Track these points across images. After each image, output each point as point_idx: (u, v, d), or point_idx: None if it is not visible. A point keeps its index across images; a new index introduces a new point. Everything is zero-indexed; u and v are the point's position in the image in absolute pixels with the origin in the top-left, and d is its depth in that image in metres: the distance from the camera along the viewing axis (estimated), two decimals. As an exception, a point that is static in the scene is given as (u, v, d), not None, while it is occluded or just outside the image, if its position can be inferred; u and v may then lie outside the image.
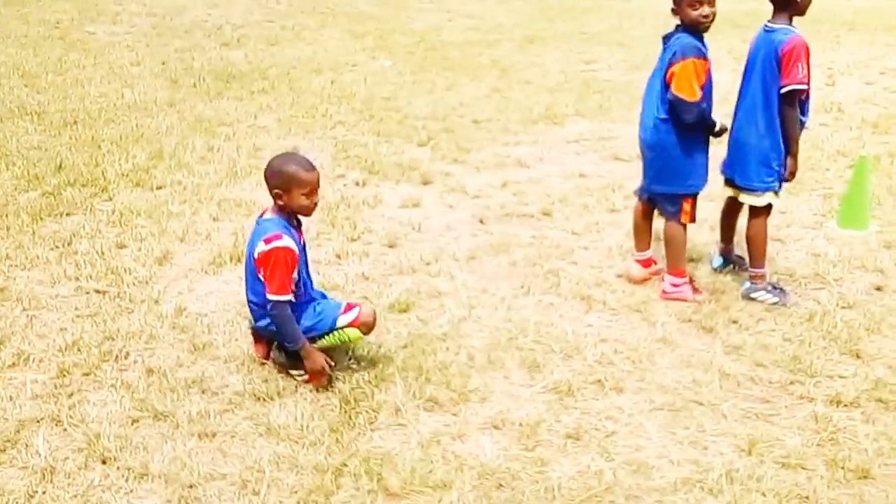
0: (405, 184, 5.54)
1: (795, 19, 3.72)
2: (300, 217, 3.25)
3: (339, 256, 4.40)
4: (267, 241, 3.10)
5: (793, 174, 3.86)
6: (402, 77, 8.91)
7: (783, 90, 3.65)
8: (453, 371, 3.27)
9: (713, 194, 4.25)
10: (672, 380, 3.26)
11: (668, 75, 3.65)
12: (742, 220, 4.07)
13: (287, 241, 3.11)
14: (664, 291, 3.93)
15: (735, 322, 3.70)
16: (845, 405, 3.07)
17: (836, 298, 3.92)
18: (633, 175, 5.59)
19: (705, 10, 3.58)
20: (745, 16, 14.26)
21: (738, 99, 3.89)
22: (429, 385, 3.18)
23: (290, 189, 3.12)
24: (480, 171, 5.78)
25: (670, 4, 3.71)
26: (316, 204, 3.21)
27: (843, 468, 2.73)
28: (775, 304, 3.83)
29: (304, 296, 3.25)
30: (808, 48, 3.67)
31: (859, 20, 13.26)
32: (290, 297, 3.12)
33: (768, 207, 3.88)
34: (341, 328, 3.19)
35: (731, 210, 4.13)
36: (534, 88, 8.42)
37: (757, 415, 3.03)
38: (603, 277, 4.18)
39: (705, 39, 3.74)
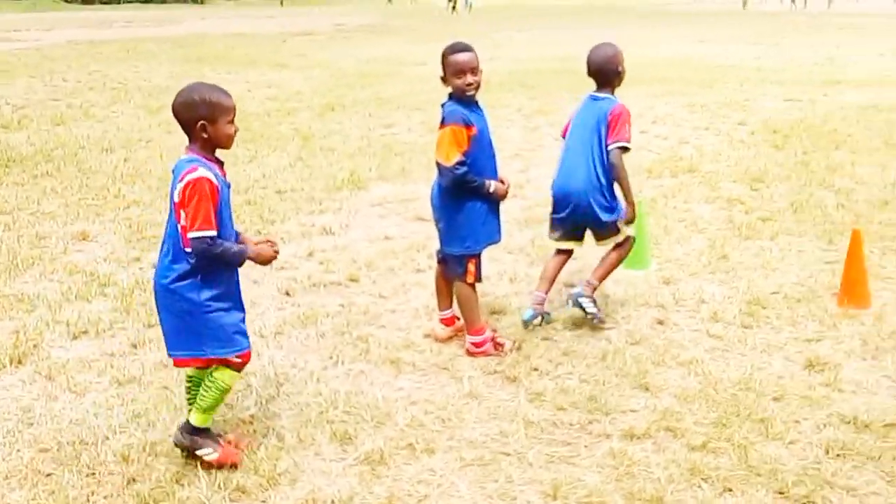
0: (206, 262, 5.36)
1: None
2: (219, 153, 3.00)
3: (135, 346, 4.17)
4: (181, 179, 2.84)
5: (631, 219, 4.23)
6: (201, 151, 8.70)
7: (613, 146, 4.08)
8: (261, 455, 3.17)
9: (502, 248, 4.45)
10: (480, 434, 3.33)
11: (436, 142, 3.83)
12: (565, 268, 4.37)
13: (203, 172, 2.84)
14: (468, 351, 4.03)
15: (536, 369, 3.86)
16: (638, 438, 3.26)
17: (624, 336, 4.20)
18: (435, 234, 5.76)
19: (468, 78, 3.75)
20: (529, 76, 15.24)
21: (566, 157, 4.25)
22: (235, 474, 3.05)
23: (217, 118, 2.90)
24: (286, 243, 5.72)
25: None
26: (236, 132, 3.03)
27: (639, 500, 2.89)
28: (594, 315, 4.18)
29: (229, 240, 3.00)
30: (629, 113, 4.16)
31: (631, 75, 14.52)
32: (213, 231, 2.84)
33: (629, 239, 4.29)
34: (223, 367, 3.00)
35: (559, 263, 4.38)
36: (336, 155, 8.51)
37: (560, 458, 3.15)
38: (411, 339, 4.24)
39: (480, 104, 3.93)
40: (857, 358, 3.92)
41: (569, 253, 4.43)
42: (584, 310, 4.20)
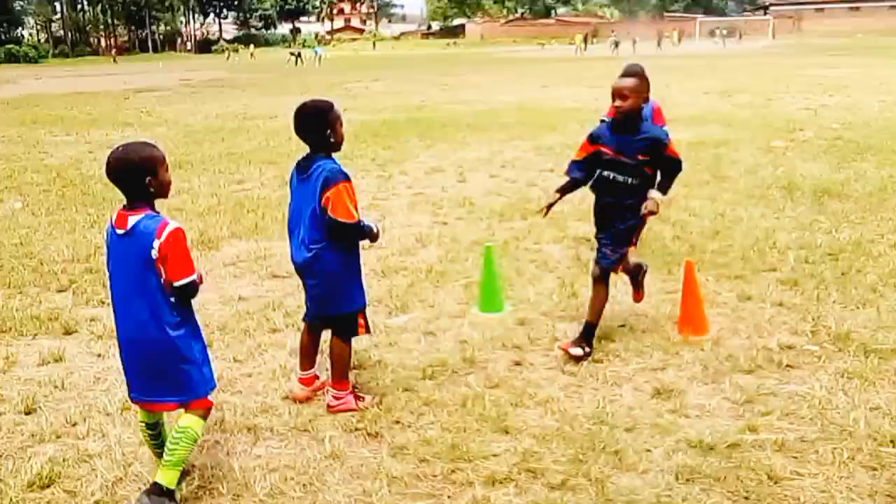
0: (44, 337, 5.04)
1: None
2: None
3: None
4: (160, 233, 3.01)
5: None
6: (37, 218, 8.24)
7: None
8: (108, 543, 2.96)
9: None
10: (343, 496, 3.26)
11: (322, 201, 3.67)
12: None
13: (174, 223, 3.07)
14: (329, 406, 3.98)
15: (398, 422, 3.83)
16: (500, 482, 3.30)
17: (483, 380, 4.25)
18: (292, 291, 5.67)
19: (342, 131, 3.83)
20: (382, 126, 15.41)
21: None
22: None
23: (158, 170, 3.08)
24: (132, 311, 5.45)
25: (315, 131, 3.75)
26: None
27: (504, 545, 2.90)
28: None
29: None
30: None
31: (480, 122, 15.01)
32: (195, 275, 3.12)
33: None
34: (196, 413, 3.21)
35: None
36: (185, 215, 8.24)
37: (425, 512, 3.13)
38: (269, 403, 4.11)
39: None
40: (700, 383, 4.14)
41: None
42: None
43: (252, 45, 74.80)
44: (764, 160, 10.43)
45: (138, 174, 3.03)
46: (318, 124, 3.76)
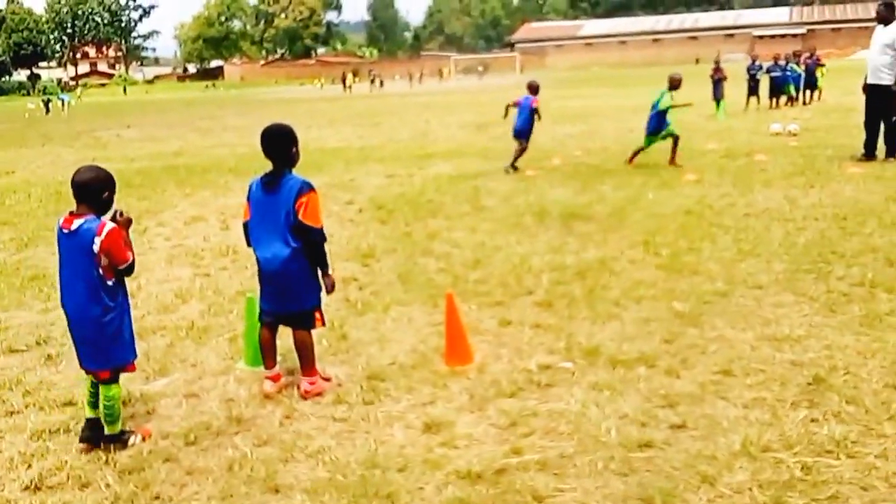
0: None
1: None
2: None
3: None
4: (100, 231, 3.77)
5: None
6: None
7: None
8: None
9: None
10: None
11: (296, 206, 4.24)
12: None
13: (111, 224, 3.84)
14: (305, 392, 4.47)
15: (158, 498, 3.55)
16: (271, 547, 3.14)
17: (251, 439, 4.06)
18: (32, 365, 5.13)
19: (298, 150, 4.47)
20: (136, 175, 14.58)
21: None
22: None
23: (111, 189, 3.91)
24: None
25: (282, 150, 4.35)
26: None
27: None
28: None
29: None
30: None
31: (243, 166, 14.65)
32: (132, 259, 3.93)
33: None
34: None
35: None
36: None
37: None
38: (6, 496, 3.65)
39: None
40: (467, 412, 4.24)
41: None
42: None
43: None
44: (518, 188, 11.06)
45: (104, 189, 3.87)
46: (284, 143, 4.40)
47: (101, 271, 3.81)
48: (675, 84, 12.21)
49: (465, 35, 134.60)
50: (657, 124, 12.30)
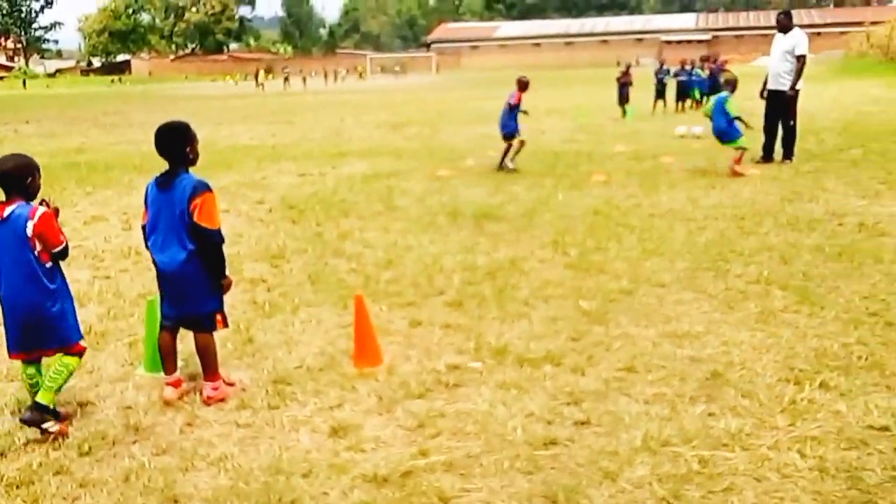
0: None
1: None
2: None
3: None
4: (32, 216, 3.86)
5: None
6: None
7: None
8: None
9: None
10: None
11: (190, 207, 4.14)
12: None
13: (42, 208, 3.93)
14: (208, 397, 4.36)
15: (48, 512, 3.39)
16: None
17: (150, 448, 3.92)
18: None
19: (198, 148, 4.36)
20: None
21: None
22: None
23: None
24: None
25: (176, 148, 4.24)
26: None
27: None
28: None
29: None
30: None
31: (149, 164, 14.18)
32: (65, 242, 4.02)
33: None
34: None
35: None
36: None
37: None
38: None
39: None
40: (375, 415, 4.20)
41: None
42: None
43: None
44: (432, 188, 11.08)
45: (27, 175, 3.95)
46: (178, 142, 4.27)
47: (36, 254, 3.87)
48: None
49: (381, 34, 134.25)
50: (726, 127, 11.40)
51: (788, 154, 12.08)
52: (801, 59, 11.77)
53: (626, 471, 3.53)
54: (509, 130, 12.55)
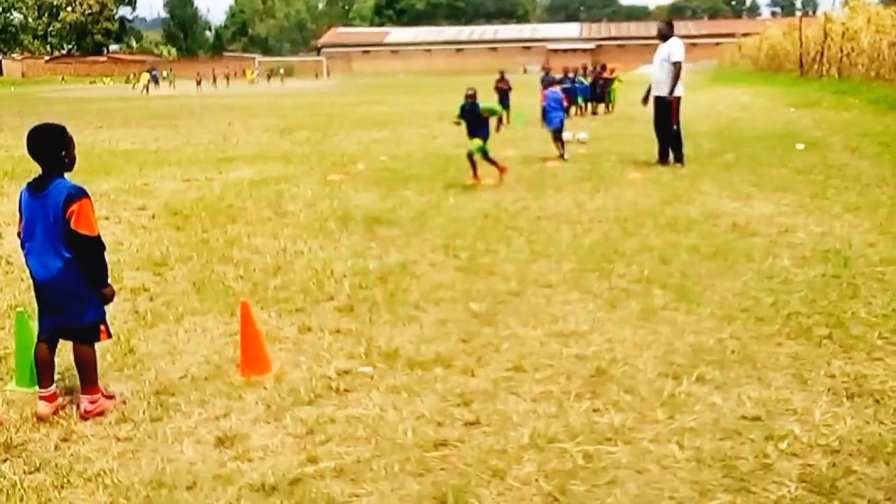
0: None
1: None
2: None
3: None
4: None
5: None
6: None
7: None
8: None
9: None
10: None
11: (67, 214, 3.96)
12: None
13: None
14: (86, 412, 4.15)
15: None
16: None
17: (21, 465, 3.71)
18: None
19: (75, 153, 4.17)
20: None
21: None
22: None
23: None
24: None
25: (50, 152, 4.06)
26: None
27: None
28: None
29: None
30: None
31: (19, 169, 13.44)
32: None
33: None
34: None
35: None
36: None
37: None
38: None
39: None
40: (263, 423, 4.11)
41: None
42: None
43: None
44: (322, 193, 10.96)
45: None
46: (52, 145, 4.07)
47: None
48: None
49: (269, 37, 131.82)
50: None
51: (678, 157, 12.61)
52: (676, 66, 12.35)
53: (514, 468, 3.59)
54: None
